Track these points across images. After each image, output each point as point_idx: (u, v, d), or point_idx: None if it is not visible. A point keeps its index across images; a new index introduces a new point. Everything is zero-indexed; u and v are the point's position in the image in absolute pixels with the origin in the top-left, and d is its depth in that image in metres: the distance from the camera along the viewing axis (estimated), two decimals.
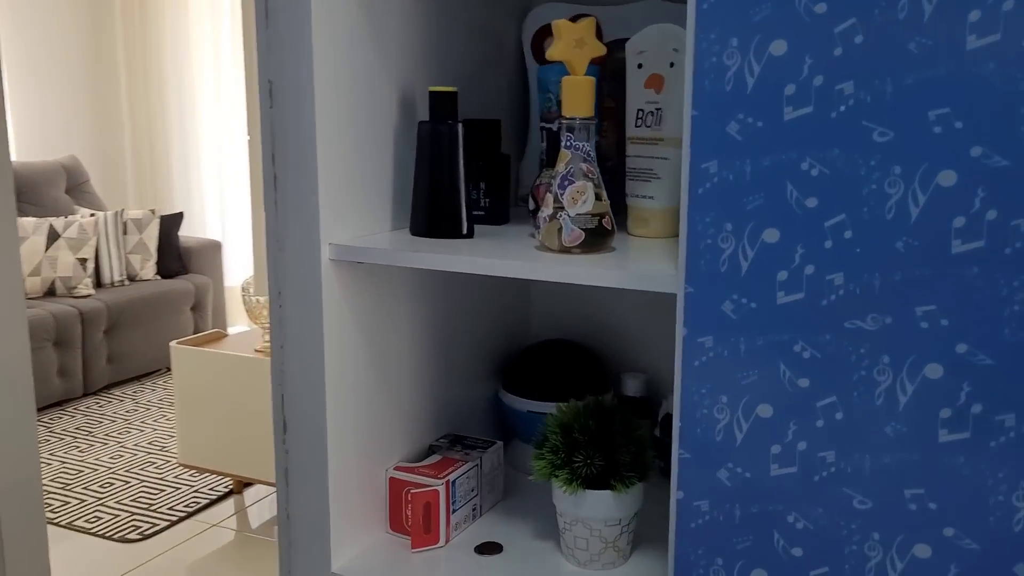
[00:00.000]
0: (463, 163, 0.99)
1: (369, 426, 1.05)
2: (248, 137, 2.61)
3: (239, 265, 5.02)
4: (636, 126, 1.01)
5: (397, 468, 1.08)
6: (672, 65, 0.98)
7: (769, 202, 0.74)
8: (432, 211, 1.00)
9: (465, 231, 1.00)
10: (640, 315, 1.32)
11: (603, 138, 1.17)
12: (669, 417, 1.23)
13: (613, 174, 1.12)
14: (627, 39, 1.03)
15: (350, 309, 1.00)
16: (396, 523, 1.08)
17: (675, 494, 0.81)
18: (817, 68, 0.71)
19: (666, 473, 1.20)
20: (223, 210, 5.01)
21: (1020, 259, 0.67)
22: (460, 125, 0.98)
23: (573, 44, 0.88)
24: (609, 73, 1.14)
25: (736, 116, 0.74)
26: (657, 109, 1.00)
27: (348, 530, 1.03)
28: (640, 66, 1.00)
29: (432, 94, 0.99)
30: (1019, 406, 0.69)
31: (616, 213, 1.02)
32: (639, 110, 1.01)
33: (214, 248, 4.73)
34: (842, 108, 0.70)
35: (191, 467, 3.07)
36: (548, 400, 1.21)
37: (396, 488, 1.07)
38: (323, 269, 0.95)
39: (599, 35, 1.18)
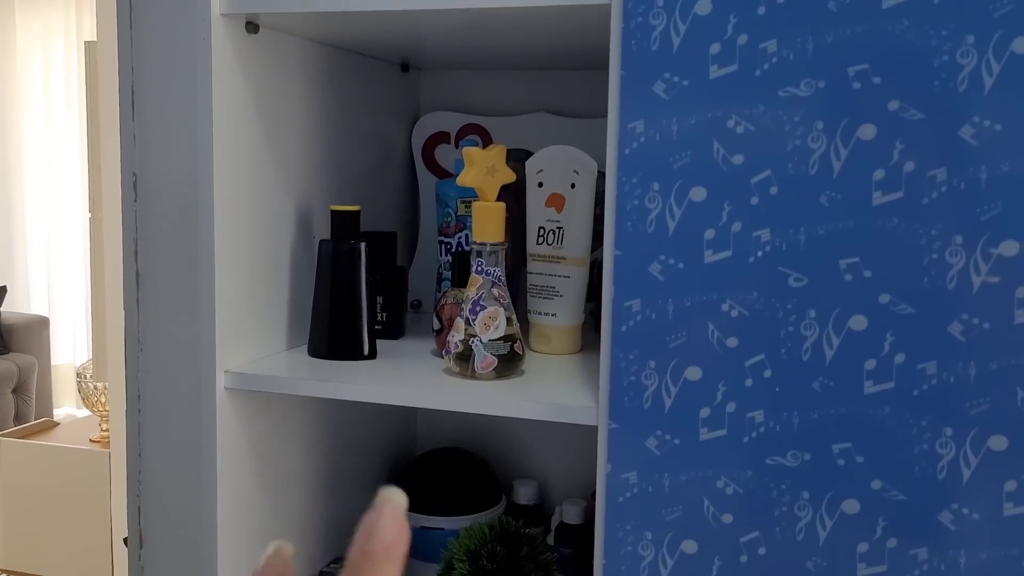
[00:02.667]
0: (365, 283, 0.96)
1: (260, 557, 0.96)
2: (90, 215, 2.44)
3: (68, 342, 4.66)
4: (537, 243, 1.01)
5: None
6: (573, 186, 0.99)
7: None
8: (333, 332, 0.95)
9: (367, 352, 0.96)
10: (526, 419, 1.28)
11: None
12: (563, 526, 1.18)
13: (508, 279, 1.09)
14: (516, 149, 1.03)
15: (243, 434, 0.92)
16: None
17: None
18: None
19: None
20: (50, 283, 4.66)
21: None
22: (363, 245, 0.95)
23: (485, 171, 0.88)
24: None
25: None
26: (558, 228, 1.00)
27: None
28: (540, 184, 1.01)
29: (334, 213, 0.96)
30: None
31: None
32: (540, 227, 1.01)
33: (40, 324, 4.37)
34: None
35: (16, 573, 2.78)
36: (442, 515, 1.12)
37: None
38: (218, 397, 0.88)
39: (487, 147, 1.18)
